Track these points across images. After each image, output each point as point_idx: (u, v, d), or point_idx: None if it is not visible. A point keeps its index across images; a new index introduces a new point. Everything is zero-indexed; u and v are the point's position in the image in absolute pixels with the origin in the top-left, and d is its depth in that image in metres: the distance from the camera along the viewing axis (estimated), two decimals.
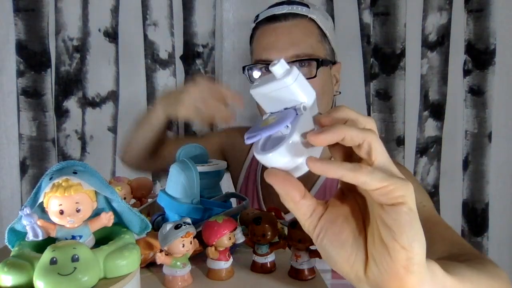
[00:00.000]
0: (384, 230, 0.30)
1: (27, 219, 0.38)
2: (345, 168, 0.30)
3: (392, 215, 0.30)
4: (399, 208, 0.30)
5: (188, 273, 0.50)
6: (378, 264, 0.31)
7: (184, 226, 0.47)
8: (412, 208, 0.30)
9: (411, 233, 0.30)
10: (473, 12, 1.32)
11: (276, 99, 0.35)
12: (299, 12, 0.85)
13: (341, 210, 0.35)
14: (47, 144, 1.31)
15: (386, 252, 0.30)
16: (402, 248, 0.30)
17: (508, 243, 1.40)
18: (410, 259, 0.30)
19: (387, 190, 0.30)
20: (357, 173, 0.30)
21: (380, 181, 0.30)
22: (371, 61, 1.32)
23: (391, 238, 0.30)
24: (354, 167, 0.30)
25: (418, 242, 0.30)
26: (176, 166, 0.56)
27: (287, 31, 0.84)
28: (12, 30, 1.26)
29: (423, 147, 1.36)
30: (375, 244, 0.32)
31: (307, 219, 0.34)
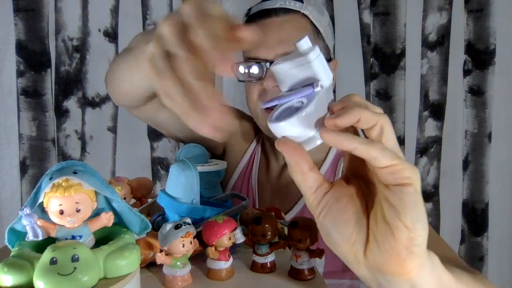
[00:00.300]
0: (389, 209, 0.31)
1: (27, 219, 0.38)
2: (359, 141, 0.31)
3: (398, 195, 0.30)
4: (405, 189, 0.30)
5: (188, 273, 0.50)
6: (379, 244, 0.32)
7: (184, 226, 0.47)
8: (418, 190, 0.31)
9: (415, 213, 0.30)
10: (473, 12, 1.32)
11: (295, 76, 0.36)
12: (291, 7, 0.81)
13: (346, 190, 0.35)
14: (47, 144, 1.31)
15: (389, 231, 0.31)
16: (405, 227, 0.30)
17: (508, 243, 1.40)
18: (412, 239, 0.30)
19: (396, 169, 0.30)
20: (369, 147, 0.30)
21: (390, 159, 0.30)
22: (371, 61, 1.32)
23: (395, 217, 0.30)
24: (367, 141, 0.31)
25: (422, 223, 0.31)
26: (176, 166, 0.56)
27: (278, 27, 0.80)
28: (12, 30, 1.26)
29: (423, 147, 1.36)
30: (377, 224, 0.32)
31: (312, 193, 0.35)
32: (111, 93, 0.71)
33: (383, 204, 0.32)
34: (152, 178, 1.32)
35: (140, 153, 1.32)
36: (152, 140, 1.35)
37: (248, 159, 0.96)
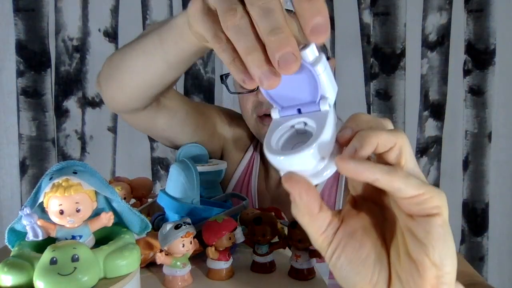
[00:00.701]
0: (414, 244, 0.27)
1: (27, 219, 0.38)
2: (381, 171, 0.26)
3: (425, 227, 0.27)
4: (433, 220, 0.27)
5: (188, 273, 0.50)
6: (404, 283, 0.28)
7: (184, 226, 0.47)
8: (446, 221, 0.27)
9: (444, 248, 0.27)
10: (473, 12, 1.32)
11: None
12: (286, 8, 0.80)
13: (359, 221, 0.30)
14: (47, 144, 1.31)
15: (414, 269, 0.27)
16: (433, 265, 0.26)
17: (508, 243, 1.40)
18: (440, 277, 0.27)
19: (422, 199, 0.26)
20: (392, 178, 0.26)
21: (416, 188, 0.26)
22: (371, 61, 1.32)
23: (422, 253, 0.27)
24: (390, 170, 0.26)
25: (451, 259, 0.27)
26: (176, 166, 0.56)
27: None
28: (12, 30, 1.26)
29: (423, 147, 1.36)
30: (400, 259, 0.28)
31: (321, 233, 0.30)
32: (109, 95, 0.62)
33: (406, 236, 0.28)
34: (152, 178, 1.32)
35: (140, 153, 1.32)
36: (152, 140, 1.35)
37: (245, 167, 0.93)
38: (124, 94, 0.60)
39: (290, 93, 0.30)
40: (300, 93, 0.30)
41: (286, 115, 0.31)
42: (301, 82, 0.29)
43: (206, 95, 1.35)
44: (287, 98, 0.30)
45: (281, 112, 0.31)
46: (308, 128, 0.30)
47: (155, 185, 1.31)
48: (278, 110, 0.31)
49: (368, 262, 0.29)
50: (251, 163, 0.92)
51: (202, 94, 1.34)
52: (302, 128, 0.30)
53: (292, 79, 0.29)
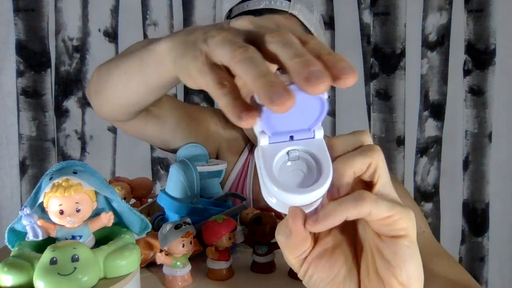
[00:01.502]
0: (382, 263, 0.28)
1: (27, 219, 0.38)
2: (348, 207, 0.27)
3: (392, 248, 0.27)
4: (400, 241, 0.27)
5: (188, 273, 0.50)
6: None
7: (184, 226, 0.47)
8: (413, 241, 0.28)
9: (411, 269, 0.27)
10: (473, 12, 1.33)
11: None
12: (277, 8, 0.74)
13: (331, 240, 0.31)
14: (47, 144, 1.31)
15: (381, 287, 0.28)
16: (400, 284, 0.27)
17: (509, 243, 1.40)
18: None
19: (391, 221, 0.27)
20: (361, 208, 0.27)
21: (385, 211, 0.27)
22: (371, 61, 1.32)
23: (389, 273, 0.27)
24: (356, 201, 0.27)
25: (418, 279, 0.28)
26: (176, 166, 0.56)
27: None
28: (12, 30, 1.26)
29: (423, 147, 1.36)
30: (369, 276, 0.29)
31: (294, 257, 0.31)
32: (97, 106, 0.63)
33: (375, 255, 0.28)
34: (152, 178, 1.32)
35: (140, 153, 1.32)
36: None
37: (240, 169, 0.91)
38: (108, 108, 0.60)
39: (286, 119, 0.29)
40: (295, 120, 0.29)
41: (276, 141, 0.30)
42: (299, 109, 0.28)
43: (206, 95, 1.35)
44: (281, 124, 0.29)
45: (271, 139, 0.30)
46: (303, 155, 0.29)
47: (155, 185, 1.31)
48: (268, 137, 0.29)
49: (339, 279, 0.30)
50: (246, 165, 0.91)
51: (203, 93, 1.34)
52: (296, 155, 0.29)
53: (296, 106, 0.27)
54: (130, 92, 0.53)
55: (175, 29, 1.30)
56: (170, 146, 0.79)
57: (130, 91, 0.53)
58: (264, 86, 0.25)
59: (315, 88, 0.25)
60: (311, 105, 0.28)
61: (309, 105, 0.28)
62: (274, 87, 0.25)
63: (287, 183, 0.28)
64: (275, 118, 0.29)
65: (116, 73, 0.53)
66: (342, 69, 0.26)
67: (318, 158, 0.29)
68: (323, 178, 0.27)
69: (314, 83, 0.25)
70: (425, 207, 1.39)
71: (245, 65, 0.27)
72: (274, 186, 0.28)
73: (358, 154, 0.28)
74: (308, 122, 0.29)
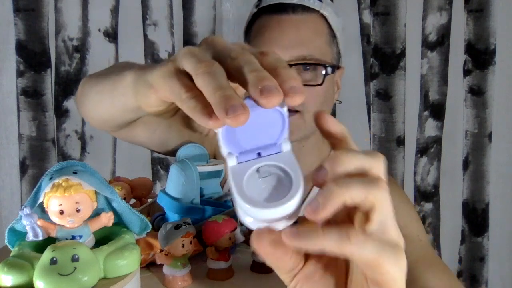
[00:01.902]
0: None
1: (27, 219, 0.38)
2: (329, 242, 0.25)
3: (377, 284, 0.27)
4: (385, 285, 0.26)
5: (188, 273, 0.50)
6: None
7: (184, 226, 0.47)
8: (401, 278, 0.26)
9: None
10: (473, 12, 1.33)
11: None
12: (310, 6, 0.74)
13: (323, 258, 0.30)
14: (47, 144, 1.31)
15: None
16: None
17: (509, 243, 1.40)
18: None
19: (374, 264, 0.25)
20: (343, 248, 0.25)
21: (370, 256, 0.25)
22: (371, 61, 1.32)
23: None
24: (340, 239, 0.25)
25: None
26: (176, 166, 0.56)
27: (295, 26, 0.73)
28: (12, 30, 1.26)
29: (423, 147, 1.36)
30: None
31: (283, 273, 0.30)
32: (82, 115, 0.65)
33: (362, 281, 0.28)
34: (152, 178, 1.32)
35: (140, 153, 1.32)
36: None
37: None
38: (90, 119, 0.61)
39: (250, 136, 0.29)
40: (260, 136, 0.29)
41: (244, 160, 0.30)
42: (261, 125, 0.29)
43: None
44: (246, 142, 0.30)
45: (239, 158, 0.30)
46: (273, 170, 0.29)
47: (155, 185, 1.31)
48: (235, 157, 0.30)
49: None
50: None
51: None
52: (265, 171, 0.29)
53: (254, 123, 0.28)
54: (104, 110, 0.53)
55: (175, 29, 1.30)
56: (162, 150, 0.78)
57: (103, 110, 0.53)
58: (221, 98, 0.26)
59: (268, 101, 0.26)
60: (272, 120, 0.29)
61: (270, 120, 0.29)
62: (230, 101, 0.26)
63: (258, 199, 0.28)
64: (240, 137, 0.29)
65: (93, 91, 0.55)
66: (291, 88, 0.27)
67: (288, 170, 0.29)
68: (293, 189, 0.27)
69: (267, 96, 0.26)
70: (425, 207, 1.39)
71: (207, 77, 0.28)
72: (246, 204, 0.27)
73: (356, 183, 0.26)
74: (273, 137, 0.30)
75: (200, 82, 0.28)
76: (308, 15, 0.74)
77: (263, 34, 0.75)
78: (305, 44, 0.73)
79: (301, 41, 0.73)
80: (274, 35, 0.74)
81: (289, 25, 0.73)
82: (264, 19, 0.76)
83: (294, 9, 0.74)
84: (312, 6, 0.74)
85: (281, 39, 0.73)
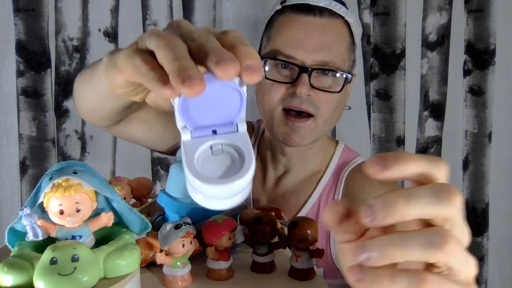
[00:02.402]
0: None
1: (27, 219, 0.38)
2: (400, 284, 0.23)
3: None
4: None
5: (188, 273, 0.50)
6: None
7: (184, 226, 0.47)
8: None
9: None
10: (473, 12, 1.32)
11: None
12: (336, 11, 0.74)
13: None
14: (47, 144, 1.31)
15: None
16: None
17: (509, 243, 1.40)
18: None
19: None
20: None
21: None
22: (371, 61, 1.32)
23: None
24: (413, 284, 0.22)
25: None
26: (176, 166, 0.56)
27: (320, 30, 0.73)
28: (12, 30, 1.26)
29: (423, 147, 1.36)
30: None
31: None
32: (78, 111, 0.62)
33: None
34: (152, 178, 1.32)
35: (140, 153, 1.32)
36: None
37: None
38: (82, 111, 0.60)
39: (207, 112, 0.29)
40: (217, 113, 0.29)
41: (199, 136, 0.30)
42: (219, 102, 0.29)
43: None
44: (202, 118, 0.29)
45: (193, 133, 0.30)
46: (226, 149, 0.29)
47: (155, 185, 1.31)
48: (190, 131, 0.30)
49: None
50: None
51: None
52: (219, 149, 0.29)
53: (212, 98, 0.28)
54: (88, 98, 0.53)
55: None
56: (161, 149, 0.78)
57: (88, 98, 0.53)
58: (178, 67, 0.27)
59: (223, 71, 0.27)
60: (231, 98, 0.29)
61: (228, 98, 0.29)
62: (187, 70, 0.27)
63: (209, 176, 0.28)
64: (196, 112, 0.29)
65: (79, 81, 0.55)
66: (248, 66, 0.27)
67: (242, 151, 0.29)
68: (244, 169, 0.27)
69: (222, 66, 0.26)
70: None
71: (168, 49, 0.29)
72: (196, 179, 0.27)
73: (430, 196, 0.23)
74: (230, 116, 0.30)
75: (160, 54, 0.29)
76: (333, 20, 0.75)
77: (287, 33, 0.75)
78: (328, 49, 0.74)
79: (324, 46, 0.73)
80: (298, 36, 0.73)
81: (314, 29, 0.73)
82: (288, 16, 0.76)
83: (321, 12, 0.74)
84: (338, 11, 0.75)
85: (306, 41, 0.73)
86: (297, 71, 0.73)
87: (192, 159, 0.28)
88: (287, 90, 0.75)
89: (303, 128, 0.76)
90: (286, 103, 0.75)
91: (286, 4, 0.76)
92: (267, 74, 0.75)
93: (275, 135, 0.79)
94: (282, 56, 0.74)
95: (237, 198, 0.29)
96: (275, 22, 0.78)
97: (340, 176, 0.84)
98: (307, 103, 0.74)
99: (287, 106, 0.75)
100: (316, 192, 0.83)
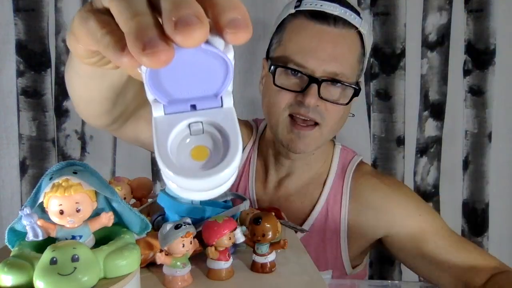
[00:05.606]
0: None
1: (27, 219, 0.38)
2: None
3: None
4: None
5: (188, 273, 0.50)
6: None
7: (184, 226, 0.47)
8: None
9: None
10: (473, 12, 1.32)
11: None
12: (350, 21, 0.74)
13: None
14: (47, 144, 1.31)
15: None
16: None
17: (508, 243, 1.40)
18: None
19: None
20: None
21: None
22: (371, 61, 1.32)
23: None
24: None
25: None
26: None
27: (334, 40, 0.73)
28: (12, 30, 1.26)
29: (423, 147, 1.36)
30: None
31: None
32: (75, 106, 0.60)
33: None
34: (152, 178, 1.31)
35: (140, 153, 1.32)
36: None
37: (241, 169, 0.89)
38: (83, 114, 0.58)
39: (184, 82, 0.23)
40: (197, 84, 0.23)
41: (174, 111, 0.23)
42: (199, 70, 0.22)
43: None
44: (177, 89, 0.23)
45: (167, 108, 0.23)
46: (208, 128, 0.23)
47: (155, 185, 1.31)
48: (163, 106, 0.23)
49: None
50: (247, 164, 0.90)
51: None
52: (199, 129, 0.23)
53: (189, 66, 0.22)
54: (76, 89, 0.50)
55: None
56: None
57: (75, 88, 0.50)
58: (136, 28, 0.20)
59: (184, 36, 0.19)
60: (212, 65, 0.23)
61: (209, 65, 0.23)
62: (147, 31, 0.20)
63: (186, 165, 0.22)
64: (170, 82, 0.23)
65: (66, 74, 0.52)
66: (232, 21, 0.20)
67: (226, 131, 0.23)
68: (230, 156, 0.22)
69: (182, 30, 0.19)
70: None
71: (123, 2, 0.22)
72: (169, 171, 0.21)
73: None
74: (213, 87, 0.23)
75: (114, 10, 0.22)
76: (347, 30, 0.74)
77: (299, 40, 0.74)
78: (340, 61, 0.73)
79: (336, 57, 0.73)
80: (311, 45, 0.73)
81: (328, 39, 0.73)
82: (302, 22, 0.75)
83: (336, 22, 0.73)
84: (352, 21, 0.74)
85: (318, 51, 0.72)
86: (306, 81, 0.73)
87: (165, 141, 0.22)
88: (295, 97, 0.75)
89: (308, 136, 0.76)
90: (293, 110, 0.75)
91: (301, 9, 0.75)
92: (276, 80, 0.75)
93: (280, 140, 0.79)
94: (292, 64, 0.74)
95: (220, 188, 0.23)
96: (288, 25, 0.77)
97: (344, 178, 0.84)
98: (314, 112, 0.74)
99: (293, 113, 0.76)
100: (323, 197, 0.84)
